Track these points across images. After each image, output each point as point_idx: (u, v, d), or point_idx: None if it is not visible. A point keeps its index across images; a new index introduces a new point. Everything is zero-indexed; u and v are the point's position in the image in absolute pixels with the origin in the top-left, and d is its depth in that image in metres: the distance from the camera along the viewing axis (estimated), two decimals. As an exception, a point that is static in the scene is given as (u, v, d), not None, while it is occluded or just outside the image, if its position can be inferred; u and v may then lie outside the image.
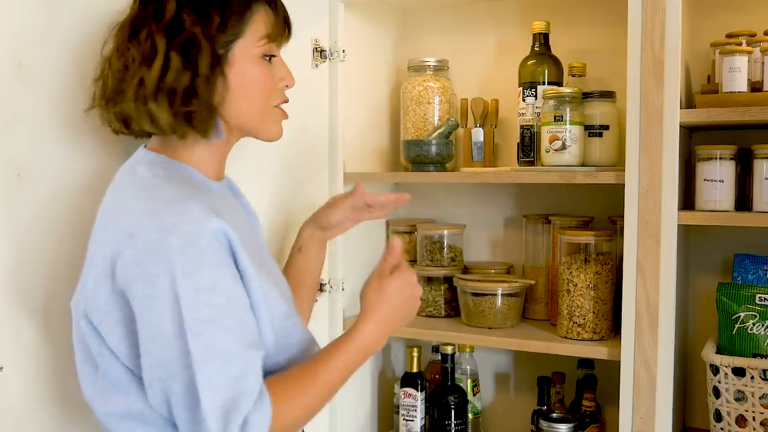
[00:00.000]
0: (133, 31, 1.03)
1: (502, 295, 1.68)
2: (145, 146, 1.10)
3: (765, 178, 1.40)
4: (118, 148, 1.20)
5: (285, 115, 1.16)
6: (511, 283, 1.70)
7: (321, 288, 1.70)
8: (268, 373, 1.01)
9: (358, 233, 1.84)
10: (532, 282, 1.75)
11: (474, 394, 1.83)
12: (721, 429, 1.40)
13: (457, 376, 1.79)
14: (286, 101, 1.16)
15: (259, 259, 1.07)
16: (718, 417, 1.41)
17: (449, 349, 1.75)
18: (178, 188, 1.00)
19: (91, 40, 1.13)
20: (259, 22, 1.07)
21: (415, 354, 1.81)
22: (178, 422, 0.95)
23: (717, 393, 1.40)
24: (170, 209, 0.95)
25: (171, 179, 1.02)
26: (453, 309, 1.81)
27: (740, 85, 1.41)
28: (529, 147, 1.68)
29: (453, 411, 1.75)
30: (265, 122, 1.13)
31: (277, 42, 1.12)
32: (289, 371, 1.04)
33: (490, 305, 1.69)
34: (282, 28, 1.12)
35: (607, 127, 1.60)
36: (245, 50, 1.06)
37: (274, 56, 1.12)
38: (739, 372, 1.37)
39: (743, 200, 1.47)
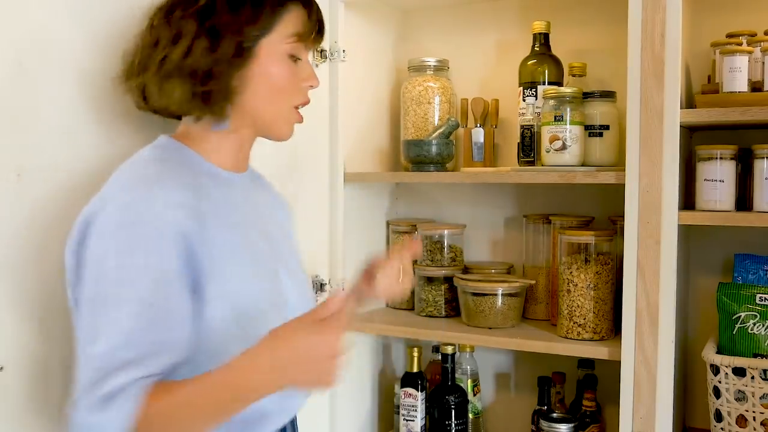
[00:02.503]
0: (169, 11, 1.06)
1: (502, 295, 1.68)
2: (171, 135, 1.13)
3: (765, 178, 1.40)
4: (118, 148, 1.21)
5: (300, 119, 1.17)
6: (512, 283, 1.70)
7: (321, 288, 1.70)
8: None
9: (359, 233, 1.84)
10: (533, 282, 1.75)
11: (474, 394, 1.83)
12: (722, 429, 1.40)
13: (457, 376, 1.79)
14: (307, 103, 1.16)
15: (264, 254, 1.09)
16: (719, 417, 1.41)
17: (449, 349, 1.75)
18: (159, 168, 1.01)
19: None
20: (290, 21, 1.09)
21: (416, 354, 1.81)
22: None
23: (717, 393, 1.40)
24: (137, 187, 0.97)
25: (163, 161, 1.04)
26: (453, 309, 1.81)
27: (740, 84, 1.41)
28: (529, 147, 1.68)
29: (453, 411, 1.75)
30: (279, 121, 1.13)
31: (306, 44, 1.13)
32: (174, 388, 0.91)
33: (491, 305, 1.69)
34: (313, 30, 1.13)
35: (607, 127, 1.60)
36: (272, 46, 1.08)
37: (299, 58, 1.13)
38: (739, 372, 1.37)
39: (743, 200, 1.47)
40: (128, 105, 1.21)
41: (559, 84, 1.69)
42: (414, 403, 1.79)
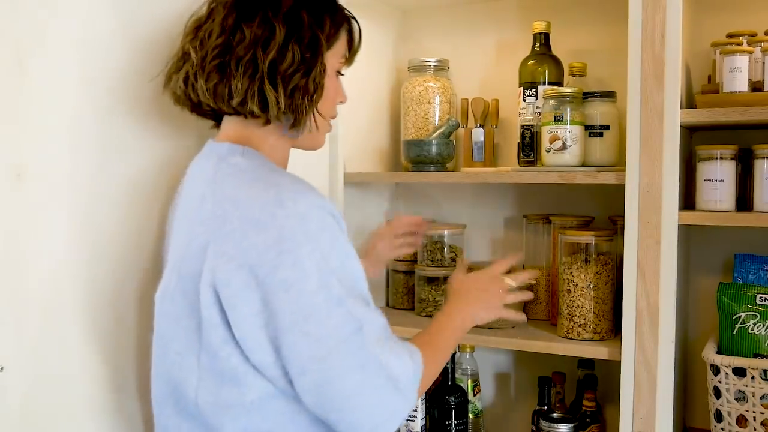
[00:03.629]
0: (243, 10, 1.06)
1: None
2: (216, 140, 1.13)
3: (765, 178, 1.40)
4: (119, 148, 1.21)
5: (331, 128, 1.23)
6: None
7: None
8: None
9: (359, 233, 1.84)
10: (533, 282, 1.74)
11: (474, 394, 1.83)
12: (722, 429, 1.40)
13: (457, 376, 1.79)
14: (336, 117, 1.22)
15: None
16: (719, 417, 1.41)
17: (450, 349, 1.75)
18: (287, 177, 1.06)
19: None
20: (343, 40, 1.16)
21: (416, 354, 1.80)
22: (351, 385, 0.98)
23: (717, 393, 1.40)
24: (298, 198, 1.00)
25: (275, 170, 1.08)
26: (453, 309, 1.80)
27: (741, 84, 1.41)
28: (529, 147, 1.68)
29: (453, 411, 1.75)
30: (322, 131, 1.19)
31: (349, 62, 1.20)
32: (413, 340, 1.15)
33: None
34: (356, 50, 1.20)
35: (607, 127, 1.60)
36: (330, 61, 1.13)
37: (342, 74, 1.19)
38: (739, 372, 1.37)
39: (744, 200, 1.47)
40: (130, 104, 1.22)
41: (560, 84, 1.69)
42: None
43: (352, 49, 1.19)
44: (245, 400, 1.02)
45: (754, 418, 1.36)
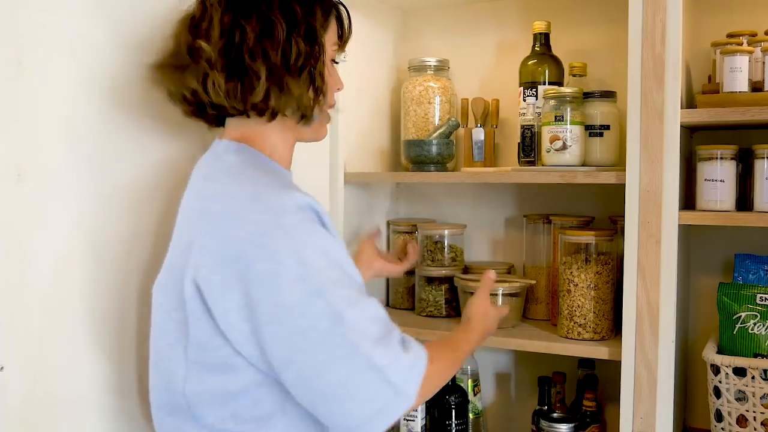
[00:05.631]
0: (238, 8, 1.05)
1: (503, 295, 1.68)
2: (221, 137, 1.14)
3: (766, 178, 1.40)
4: (120, 148, 1.21)
5: (330, 119, 1.23)
6: (512, 283, 1.70)
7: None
8: None
9: (359, 233, 1.84)
10: (533, 282, 1.75)
11: (475, 394, 1.83)
12: (722, 429, 1.40)
13: (457, 376, 1.79)
14: (333, 106, 1.22)
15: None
16: (719, 417, 1.41)
17: (450, 349, 1.75)
18: (268, 175, 1.06)
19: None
20: (334, 27, 1.15)
21: (416, 354, 1.80)
22: (336, 378, 0.97)
23: (718, 393, 1.40)
24: (270, 193, 1.01)
25: (259, 167, 1.08)
26: (454, 309, 1.81)
27: (741, 84, 1.41)
28: (529, 147, 1.68)
29: (454, 411, 1.75)
30: (321, 122, 1.19)
31: (341, 48, 1.20)
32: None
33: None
34: (348, 36, 1.20)
35: (607, 127, 1.60)
36: (324, 50, 1.12)
37: (336, 62, 1.19)
38: (739, 372, 1.37)
39: (744, 200, 1.47)
40: (129, 103, 1.22)
41: (560, 84, 1.69)
42: (414, 403, 1.79)
43: (342, 36, 1.19)
44: (233, 388, 1.02)
45: (755, 418, 1.36)
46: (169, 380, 1.06)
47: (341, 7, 1.18)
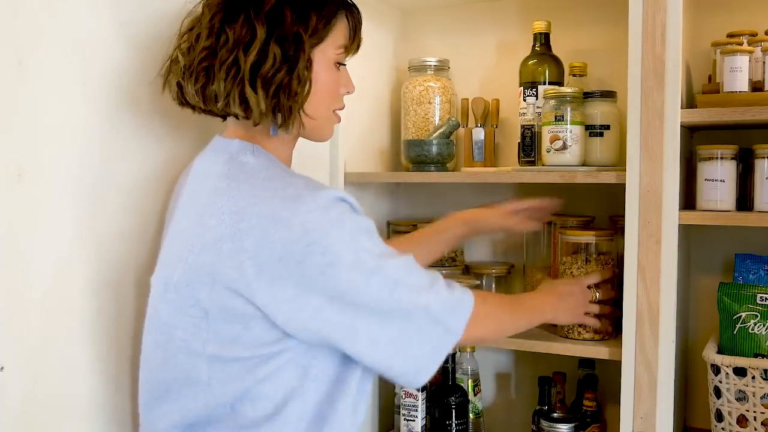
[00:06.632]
0: (228, 11, 1.07)
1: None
2: (225, 136, 1.15)
3: (766, 178, 1.40)
4: (120, 148, 1.21)
5: (339, 120, 1.23)
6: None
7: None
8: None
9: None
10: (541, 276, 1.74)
11: (475, 394, 1.83)
12: (722, 429, 1.40)
13: (458, 376, 1.79)
14: (343, 108, 1.22)
15: None
16: (719, 417, 1.41)
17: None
18: (296, 176, 1.09)
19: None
20: (340, 30, 1.14)
21: (416, 354, 1.80)
22: (396, 330, 1.06)
23: (718, 393, 1.40)
24: (311, 192, 1.04)
25: (283, 170, 1.11)
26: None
27: (741, 84, 1.41)
28: (529, 147, 1.68)
29: (454, 411, 1.75)
30: (325, 125, 1.20)
31: (349, 52, 1.18)
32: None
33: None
34: (356, 39, 1.18)
35: (608, 127, 1.59)
36: (324, 55, 1.13)
37: (343, 64, 1.18)
38: (740, 372, 1.37)
39: (744, 200, 1.47)
40: (130, 103, 1.22)
41: (560, 84, 1.69)
42: (414, 402, 1.79)
43: (352, 39, 1.18)
44: (258, 376, 1.06)
45: (755, 418, 1.36)
46: (187, 375, 1.07)
47: (352, 10, 1.17)
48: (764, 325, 1.40)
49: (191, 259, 1.05)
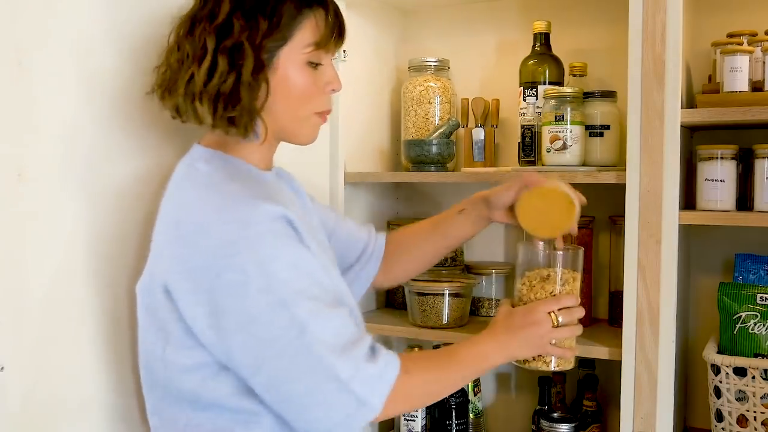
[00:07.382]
0: (191, 26, 1.08)
1: (449, 295, 1.68)
2: (199, 142, 1.15)
3: (766, 178, 1.40)
4: (120, 148, 1.21)
5: (324, 121, 1.18)
6: (453, 283, 1.70)
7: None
8: None
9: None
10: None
11: (475, 394, 1.83)
12: (723, 429, 1.40)
13: (457, 376, 1.79)
14: (329, 110, 1.18)
15: (316, 239, 1.13)
16: (720, 417, 1.41)
17: (450, 349, 1.74)
18: (239, 184, 1.06)
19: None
20: (307, 30, 1.09)
21: (416, 354, 1.80)
22: (301, 388, 0.99)
23: (718, 393, 1.40)
24: (239, 204, 1.01)
25: (231, 176, 1.08)
26: (454, 309, 1.80)
27: (741, 84, 1.41)
28: (530, 147, 1.68)
29: (454, 411, 1.75)
30: (301, 128, 1.16)
31: (326, 49, 1.13)
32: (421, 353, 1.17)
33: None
34: (332, 35, 1.12)
35: (608, 127, 1.59)
36: (290, 56, 1.09)
37: (320, 63, 1.13)
38: (740, 372, 1.37)
39: (744, 200, 1.47)
40: (130, 105, 1.22)
41: (560, 84, 1.69)
42: (414, 403, 1.79)
43: (329, 34, 1.11)
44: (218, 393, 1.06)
45: (755, 418, 1.36)
46: (154, 377, 1.11)
47: (318, 6, 1.10)
48: (764, 325, 1.40)
49: (151, 266, 1.08)
